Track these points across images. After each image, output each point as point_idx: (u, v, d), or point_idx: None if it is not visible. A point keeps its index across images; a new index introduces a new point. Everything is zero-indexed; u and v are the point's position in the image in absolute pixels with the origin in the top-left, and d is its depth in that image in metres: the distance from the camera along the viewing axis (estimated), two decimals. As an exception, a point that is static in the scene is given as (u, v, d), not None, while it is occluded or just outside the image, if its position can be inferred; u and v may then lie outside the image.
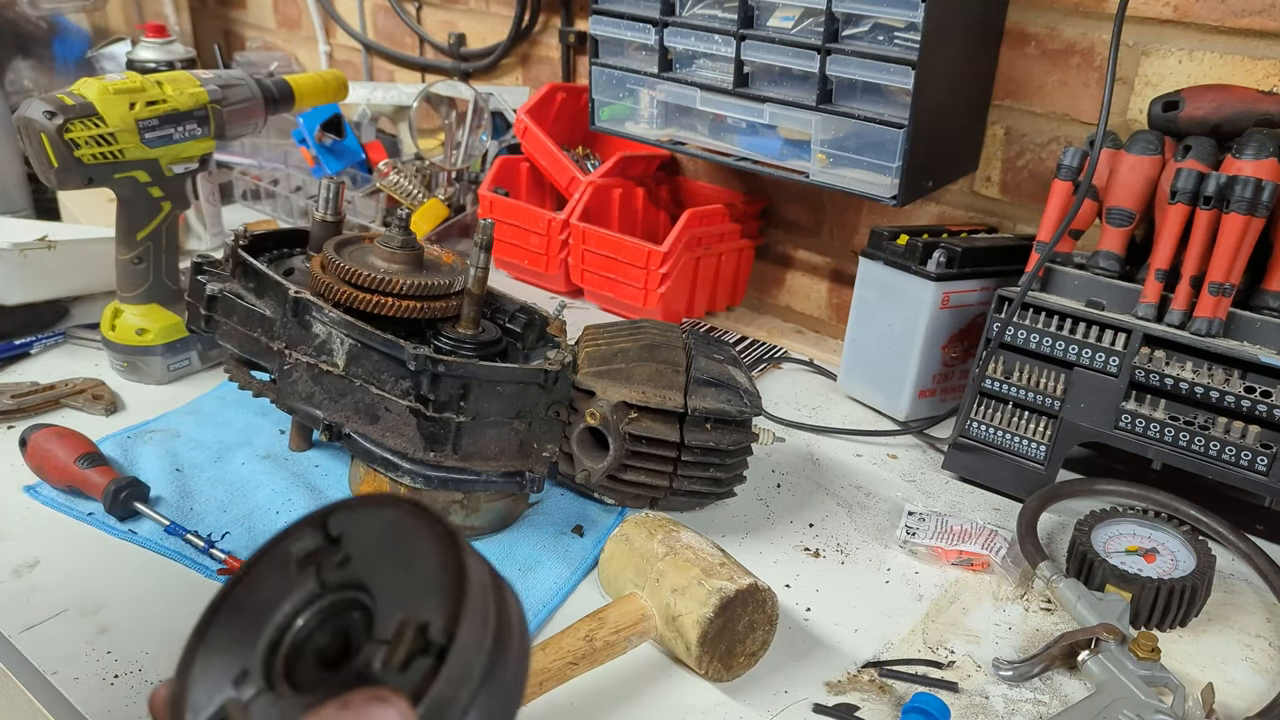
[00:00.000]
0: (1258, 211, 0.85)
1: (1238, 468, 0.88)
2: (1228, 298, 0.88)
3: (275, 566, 0.38)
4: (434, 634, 0.33)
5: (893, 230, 1.14)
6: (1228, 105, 0.93)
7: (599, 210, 1.44)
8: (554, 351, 0.94)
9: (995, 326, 0.99)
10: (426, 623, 0.33)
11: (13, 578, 0.84)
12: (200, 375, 1.18)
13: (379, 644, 0.34)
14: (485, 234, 0.89)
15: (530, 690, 0.71)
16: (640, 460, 0.90)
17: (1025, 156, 1.19)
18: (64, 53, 1.78)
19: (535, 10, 1.63)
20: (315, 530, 0.38)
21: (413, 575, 0.35)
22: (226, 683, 0.35)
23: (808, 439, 1.14)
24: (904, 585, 0.89)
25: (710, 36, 1.17)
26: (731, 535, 0.95)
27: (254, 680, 0.35)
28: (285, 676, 0.36)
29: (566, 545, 0.91)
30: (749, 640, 0.76)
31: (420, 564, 0.35)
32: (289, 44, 2.12)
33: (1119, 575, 0.83)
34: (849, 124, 1.11)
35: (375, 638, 0.35)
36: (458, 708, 0.33)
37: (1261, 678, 0.79)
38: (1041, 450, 0.99)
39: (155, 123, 1.07)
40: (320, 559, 0.38)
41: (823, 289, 1.44)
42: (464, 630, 0.33)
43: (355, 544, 0.37)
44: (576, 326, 1.05)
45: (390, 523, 0.37)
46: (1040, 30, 1.13)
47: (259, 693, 0.35)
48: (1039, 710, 0.75)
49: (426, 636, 0.33)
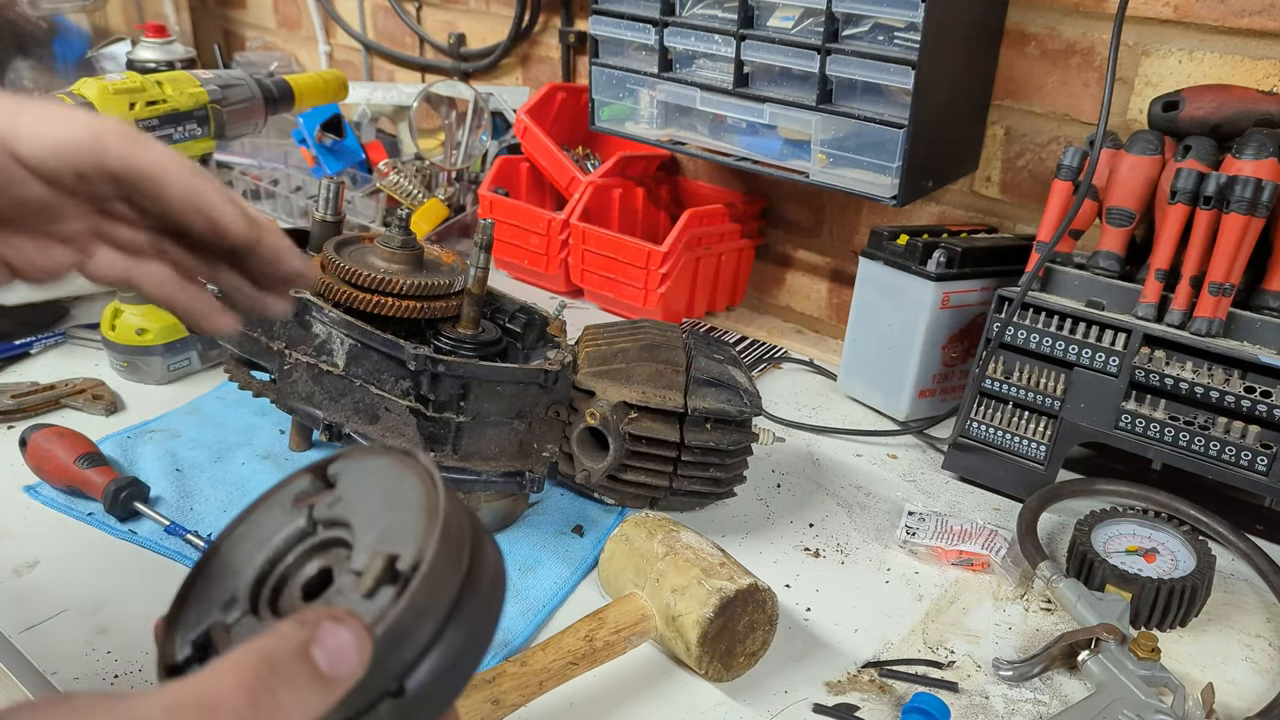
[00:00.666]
0: (1258, 211, 0.85)
1: (1238, 468, 0.88)
2: (1228, 298, 0.88)
3: (274, 507, 0.41)
4: (401, 565, 0.35)
5: (893, 230, 1.14)
6: (1228, 105, 0.93)
7: (599, 210, 1.44)
8: (554, 351, 0.94)
9: (995, 326, 0.98)
10: (396, 555, 0.35)
11: (13, 578, 0.84)
12: (200, 375, 1.18)
13: (353, 574, 0.36)
14: (485, 234, 0.89)
15: (530, 690, 0.71)
16: (640, 460, 0.90)
17: (1025, 156, 1.19)
18: (64, 53, 1.78)
19: (535, 10, 1.63)
20: (314, 475, 0.41)
21: (393, 514, 0.37)
22: (216, 607, 0.38)
23: (808, 439, 1.14)
24: (904, 585, 0.89)
25: (710, 36, 1.17)
26: (731, 535, 0.95)
27: (240, 605, 0.38)
28: (270, 604, 0.38)
29: (566, 545, 0.91)
30: (749, 640, 0.76)
31: (402, 504, 0.37)
32: (289, 44, 2.12)
33: (1119, 575, 0.83)
34: (849, 124, 1.11)
35: (351, 569, 0.36)
36: (418, 639, 0.34)
37: (1261, 678, 0.79)
38: (1041, 450, 0.99)
39: (155, 123, 1.07)
40: (313, 499, 0.40)
41: (823, 289, 1.44)
42: (431, 564, 0.34)
43: (348, 487, 0.40)
44: (576, 326, 1.05)
45: (382, 468, 0.39)
46: (1040, 30, 1.13)
47: (242, 615, 0.37)
48: (1039, 710, 0.75)
49: (394, 568, 0.35)
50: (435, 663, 0.35)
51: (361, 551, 0.37)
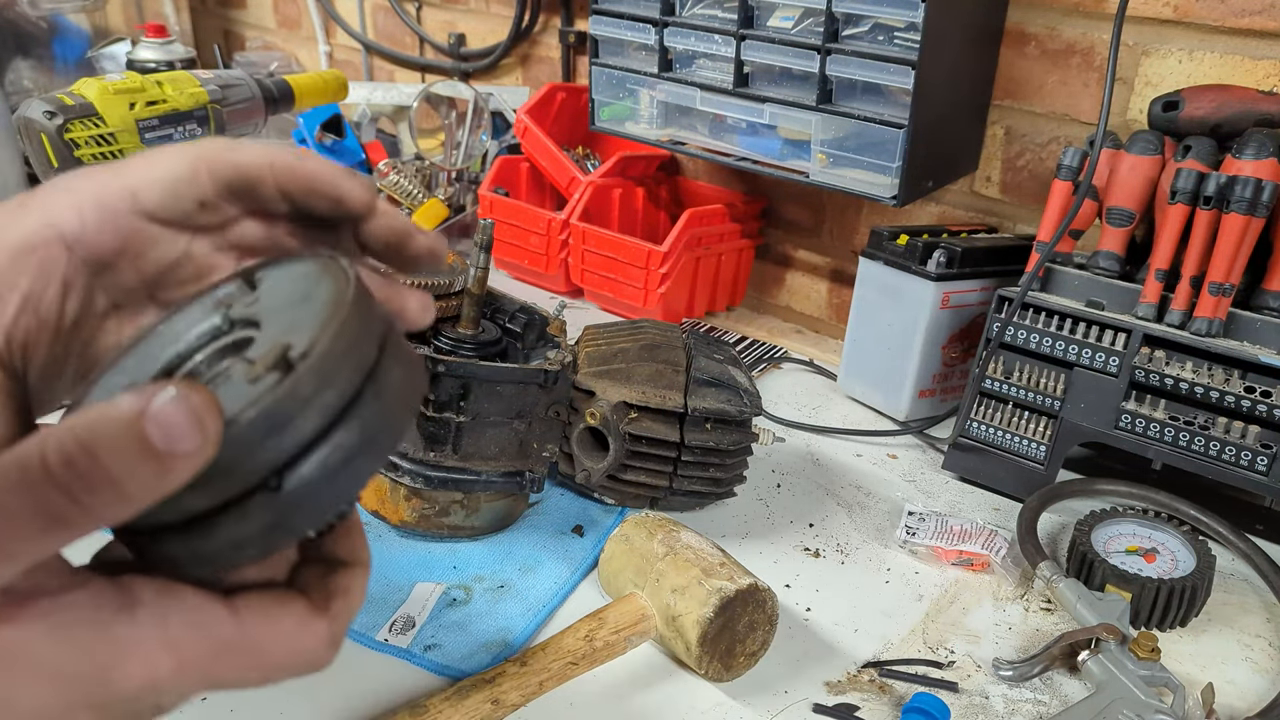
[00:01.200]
0: (1258, 211, 0.85)
1: (1238, 468, 0.88)
2: (1228, 298, 0.88)
3: (196, 308, 0.39)
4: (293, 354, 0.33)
5: (893, 230, 1.14)
6: (1228, 105, 0.93)
7: (599, 210, 1.44)
8: (554, 351, 0.94)
9: (995, 326, 0.99)
10: (290, 345, 0.33)
11: (13, 578, 0.84)
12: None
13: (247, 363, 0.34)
14: (485, 234, 0.89)
15: (530, 690, 0.71)
16: (640, 460, 0.90)
17: (1025, 156, 1.19)
18: (64, 53, 1.78)
19: (535, 10, 1.63)
20: (242, 278, 0.39)
21: (301, 310, 0.36)
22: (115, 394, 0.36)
23: (808, 439, 1.14)
24: (904, 585, 0.89)
25: (710, 36, 1.17)
26: (731, 535, 0.95)
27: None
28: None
29: (566, 545, 0.91)
30: (749, 640, 0.76)
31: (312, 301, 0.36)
32: (289, 44, 2.12)
33: (1119, 575, 0.83)
34: (849, 124, 1.11)
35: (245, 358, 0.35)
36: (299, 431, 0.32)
37: (1261, 678, 0.79)
38: (1041, 450, 0.99)
39: (155, 123, 1.07)
40: (233, 301, 0.39)
41: (823, 289, 1.44)
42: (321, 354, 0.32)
43: (270, 289, 0.38)
44: (576, 326, 1.05)
45: (305, 271, 0.38)
46: (1040, 30, 1.13)
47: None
48: (1039, 710, 0.75)
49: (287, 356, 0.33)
50: (320, 461, 0.32)
51: (261, 345, 0.35)
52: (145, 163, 0.40)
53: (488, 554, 0.89)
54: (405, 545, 0.89)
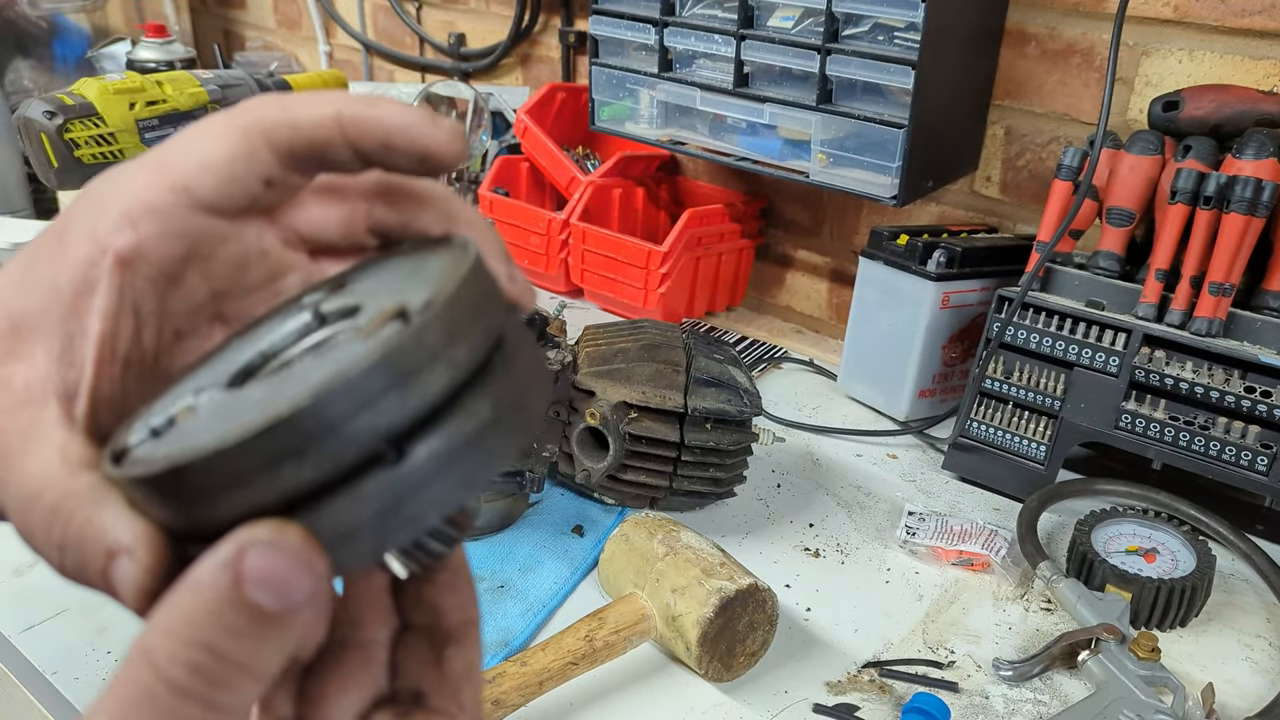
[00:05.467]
0: (1258, 211, 0.85)
1: (1238, 468, 0.88)
2: (1228, 298, 0.88)
3: (277, 316, 0.33)
4: (412, 308, 0.27)
5: (893, 230, 1.14)
6: (1228, 105, 0.93)
7: (599, 210, 1.44)
8: (554, 351, 0.94)
9: (995, 326, 0.98)
10: (407, 302, 0.27)
11: (13, 577, 0.84)
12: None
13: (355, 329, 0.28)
14: (485, 234, 0.89)
15: (530, 690, 0.71)
16: (640, 460, 0.90)
17: (1025, 156, 1.19)
18: (64, 53, 1.78)
19: (535, 10, 1.63)
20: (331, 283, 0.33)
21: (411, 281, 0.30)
22: (189, 394, 0.30)
23: (808, 439, 1.14)
24: (904, 585, 0.89)
25: (710, 36, 1.17)
26: (731, 535, 0.95)
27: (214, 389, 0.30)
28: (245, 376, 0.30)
29: (566, 545, 0.91)
30: (749, 640, 0.76)
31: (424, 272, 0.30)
32: (289, 44, 2.12)
33: (1119, 575, 0.83)
34: (849, 124, 1.11)
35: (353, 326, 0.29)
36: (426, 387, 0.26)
37: (1261, 678, 0.79)
38: (1041, 450, 0.99)
39: (155, 123, 1.07)
40: (321, 301, 0.32)
41: (823, 289, 1.44)
42: (449, 299, 0.26)
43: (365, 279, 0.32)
44: (576, 326, 1.05)
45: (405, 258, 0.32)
46: (1040, 30, 1.13)
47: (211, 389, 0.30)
48: (1039, 710, 0.75)
49: (404, 311, 0.27)
50: (453, 430, 0.26)
51: (369, 312, 0.29)
52: (187, 146, 0.32)
53: (488, 554, 0.89)
54: (405, 545, 0.89)
